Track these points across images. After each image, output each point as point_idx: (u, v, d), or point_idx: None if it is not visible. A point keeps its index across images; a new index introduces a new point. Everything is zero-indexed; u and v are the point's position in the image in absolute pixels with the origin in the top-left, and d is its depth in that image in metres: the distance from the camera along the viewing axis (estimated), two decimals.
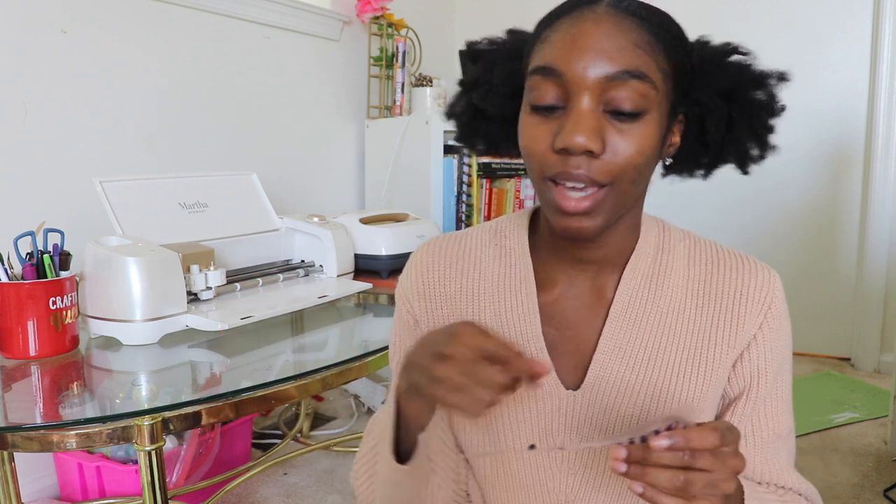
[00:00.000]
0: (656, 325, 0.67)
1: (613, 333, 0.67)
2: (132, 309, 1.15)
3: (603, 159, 0.58)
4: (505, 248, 0.73)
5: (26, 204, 1.60)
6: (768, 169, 0.71)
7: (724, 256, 0.70)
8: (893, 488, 1.69)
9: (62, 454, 1.57)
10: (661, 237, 0.71)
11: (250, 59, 2.18)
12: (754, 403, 0.69)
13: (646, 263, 0.68)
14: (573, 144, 0.56)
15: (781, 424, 0.70)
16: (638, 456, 0.50)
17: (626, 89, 0.57)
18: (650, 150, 0.59)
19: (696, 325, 0.67)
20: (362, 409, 2.23)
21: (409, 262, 0.77)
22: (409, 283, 0.76)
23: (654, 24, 0.60)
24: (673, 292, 0.68)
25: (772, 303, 0.67)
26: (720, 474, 0.49)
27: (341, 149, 2.58)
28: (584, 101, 0.57)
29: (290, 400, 1.06)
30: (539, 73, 0.60)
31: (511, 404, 0.69)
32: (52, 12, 1.63)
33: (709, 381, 0.67)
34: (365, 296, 1.58)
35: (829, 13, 2.58)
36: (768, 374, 0.68)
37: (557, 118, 0.59)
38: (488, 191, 2.49)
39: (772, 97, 0.66)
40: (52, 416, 0.93)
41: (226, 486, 1.64)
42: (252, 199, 1.60)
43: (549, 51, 0.60)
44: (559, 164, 0.59)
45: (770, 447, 0.69)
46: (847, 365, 2.66)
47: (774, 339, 0.68)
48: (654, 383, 0.66)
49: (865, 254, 2.59)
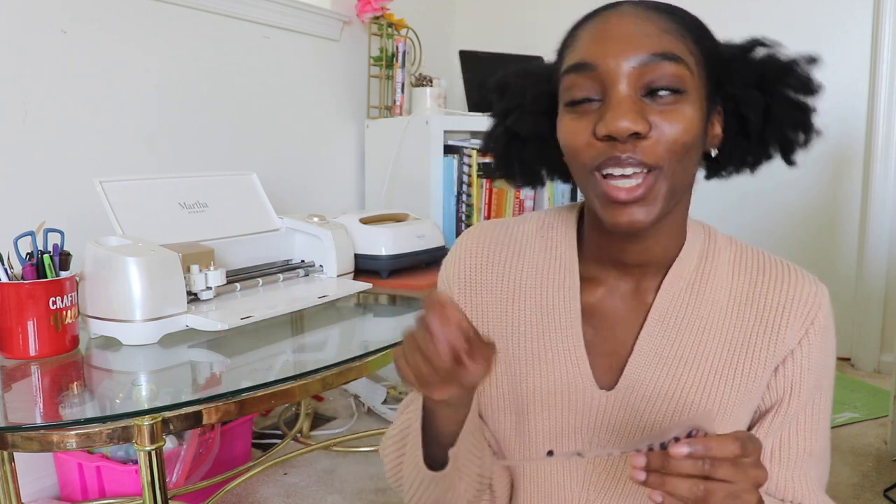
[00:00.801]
0: (695, 331, 0.66)
1: (651, 337, 0.66)
2: (132, 309, 1.15)
3: (651, 139, 0.57)
4: (551, 240, 0.72)
5: (26, 204, 1.60)
6: (768, 169, 0.71)
7: (770, 265, 0.68)
8: (893, 488, 1.69)
9: (62, 454, 1.57)
10: (707, 243, 0.69)
11: (250, 59, 2.18)
12: (784, 418, 0.67)
13: (689, 269, 0.67)
14: (618, 129, 0.56)
15: (813, 443, 0.68)
16: (657, 464, 0.49)
17: (660, 71, 0.57)
18: (694, 129, 0.58)
19: (736, 333, 0.66)
20: (362, 409, 2.23)
21: (453, 245, 0.77)
22: (452, 268, 0.75)
23: (679, 16, 0.60)
24: (715, 299, 0.67)
25: (816, 317, 0.66)
26: (741, 485, 0.48)
27: (341, 149, 2.58)
28: (621, 88, 0.57)
29: (291, 400, 1.06)
30: (573, 70, 0.60)
31: (543, 403, 0.69)
32: (52, 12, 1.63)
33: (743, 391, 0.66)
34: (365, 296, 1.58)
35: (829, 13, 2.58)
36: (803, 389, 0.66)
37: (596, 111, 0.59)
38: (488, 191, 2.49)
39: (807, 80, 0.65)
40: (52, 416, 0.93)
41: (226, 486, 1.64)
42: (252, 199, 1.60)
43: (579, 48, 0.60)
44: (605, 151, 0.57)
45: (799, 465, 0.67)
46: (847, 365, 2.66)
47: (814, 354, 0.66)
48: (689, 389, 0.65)
49: (865, 254, 2.59)
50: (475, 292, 0.73)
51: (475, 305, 0.73)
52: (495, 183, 2.51)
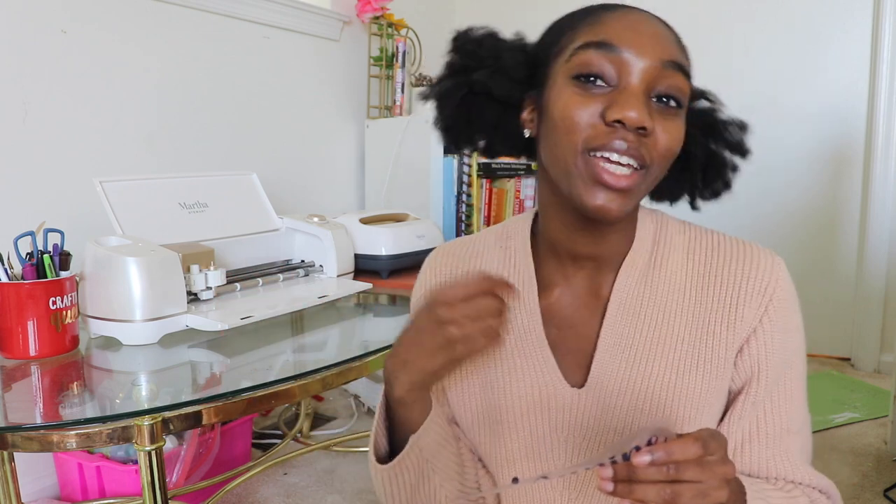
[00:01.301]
0: (655, 320, 0.67)
1: (611, 331, 0.67)
2: (132, 309, 1.15)
3: (651, 139, 0.58)
4: (509, 249, 0.73)
5: (26, 204, 1.60)
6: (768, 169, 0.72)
7: (723, 245, 0.68)
8: (893, 488, 1.69)
9: (62, 454, 1.57)
10: (658, 230, 0.70)
11: (250, 59, 2.18)
12: (756, 398, 0.66)
13: (642, 259, 0.68)
14: (631, 118, 0.56)
15: (791, 419, 0.67)
16: (624, 474, 0.50)
17: (674, 80, 0.59)
18: (678, 146, 0.61)
19: (696, 318, 0.66)
20: (362, 409, 2.23)
21: (421, 271, 0.79)
22: (423, 291, 0.77)
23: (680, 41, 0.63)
24: (671, 286, 0.67)
25: (774, 291, 0.65)
26: (709, 483, 0.49)
27: (341, 149, 2.58)
28: (638, 81, 0.58)
29: (291, 400, 1.06)
30: (593, 46, 0.59)
31: (518, 408, 0.69)
32: (52, 12, 1.63)
33: (711, 376, 0.65)
34: (365, 296, 1.58)
35: (829, 13, 2.58)
36: (770, 367, 0.65)
37: (604, 94, 0.58)
38: (488, 191, 2.49)
39: (739, 143, 0.69)
40: (52, 416, 0.93)
41: (226, 486, 1.64)
42: (252, 199, 1.60)
43: (605, 28, 0.59)
44: (609, 135, 0.58)
45: (779, 443, 0.67)
46: (847, 365, 2.66)
47: (778, 329, 0.65)
48: (656, 379, 0.66)
49: (865, 254, 2.59)
50: None
51: None
52: (495, 183, 2.51)
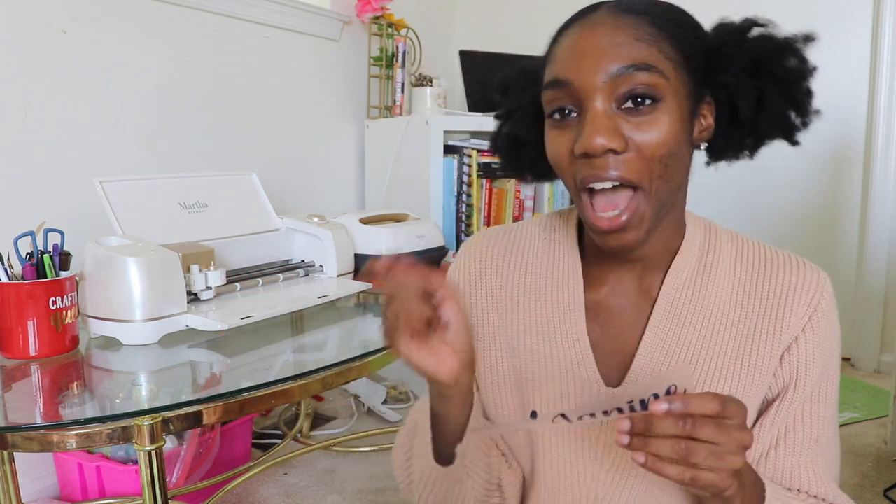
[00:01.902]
0: (700, 324, 0.67)
1: (657, 332, 0.67)
2: (132, 309, 1.15)
3: (627, 157, 0.58)
4: (554, 242, 0.73)
5: (26, 204, 1.60)
6: (768, 169, 0.72)
7: (771, 257, 0.69)
8: (893, 488, 1.69)
9: (62, 454, 1.57)
10: (708, 237, 0.70)
11: (250, 59, 2.18)
12: (790, 406, 0.66)
13: (691, 263, 0.68)
14: (592, 146, 0.57)
15: (820, 431, 0.67)
16: (641, 428, 0.50)
17: (633, 82, 0.57)
18: (672, 139, 0.59)
19: (741, 325, 0.66)
20: (362, 409, 2.23)
21: (458, 253, 0.78)
22: (458, 274, 0.76)
23: (655, 16, 0.60)
24: (718, 292, 0.67)
25: (819, 304, 0.66)
26: (725, 446, 0.49)
27: (341, 149, 2.58)
28: (595, 104, 0.58)
29: (291, 400, 1.06)
30: (550, 86, 0.61)
31: (551, 404, 0.69)
32: (52, 12, 1.63)
33: (750, 382, 0.66)
34: (365, 296, 1.58)
35: (829, 13, 2.58)
36: (808, 376, 0.66)
37: (575, 125, 0.60)
38: (488, 191, 2.49)
39: (802, 61, 0.65)
40: (52, 416, 0.93)
41: (226, 486, 1.64)
42: (252, 199, 1.60)
43: (556, 64, 0.61)
44: (584, 168, 0.59)
45: (805, 453, 0.67)
46: (847, 365, 2.66)
47: (819, 341, 0.66)
48: (695, 383, 0.66)
49: (865, 254, 2.59)
50: (480, 297, 0.74)
51: (480, 310, 0.74)
52: (495, 183, 2.51)
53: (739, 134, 0.67)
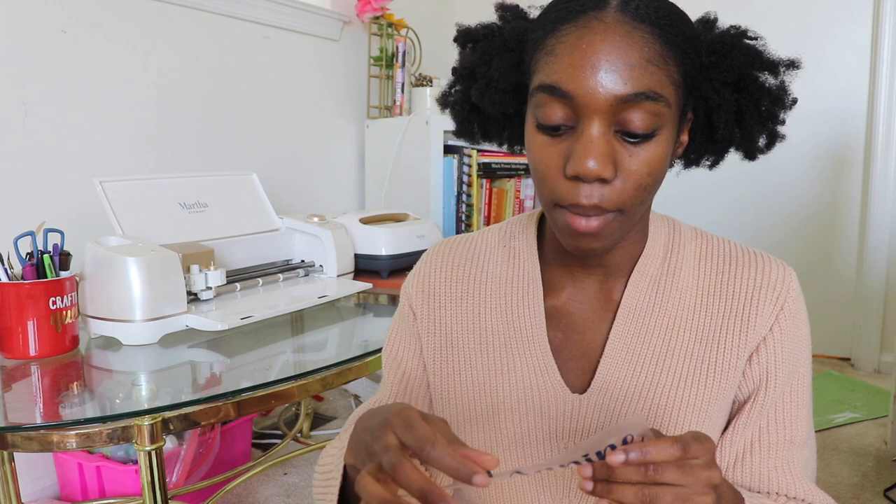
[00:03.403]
0: (665, 328, 0.66)
1: (620, 337, 0.66)
2: (132, 309, 1.15)
3: (614, 185, 0.56)
4: (513, 249, 0.72)
5: (26, 204, 1.60)
6: (768, 169, 0.71)
7: (736, 254, 0.67)
8: (893, 488, 1.69)
9: (62, 454, 1.57)
10: (671, 237, 0.69)
11: (250, 59, 2.18)
12: (762, 407, 0.65)
13: (654, 266, 0.67)
14: (585, 172, 0.54)
15: (795, 431, 0.66)
16: (603, 473, 0.48)
17: (639, 111, 0.54)
18: (660, 167, 0.57)
19: (706, 327, 0.65)
20: None
21: (419, 260, 0.77)
22: (416, 280, 0.75)
23: (666, 29, 0.56)
24: (682, 294, 0.66)
25: (785, 302, 0.65)
26: (692, 487, 0.47)
27: (341, 149, 2.58)
28: (595, 125, 0.55)
29: (291, 400, 1.06)
30: (546, 91, 0.56)
31: (514, 412, 0.68)
32: (52, 12, 1.63)
33: (718, 384, 0.65)
34: (365, 296, 1.58)
35: (829, 13, 2.58)
36: (779, 377, 0.65)
37: (567, 138, 0.57)
38: (488, 191, 2.49)
39: (781, 86, 0.63)
40: (52, 416, 0.93)
41: (226, 486, 1.64)
42: (252, 199, 1.60)
43: (556, 67, 0.56)
44: (571, 193, 0.56)
45: (781, 454, 0.66)
46: (847, 365, 2.67)
47: (787, 340, 0.65)
48: (662, 387, 0.65)
49: (865, 254, 2.59)
50: (440, 305, 0.73)
51: (439, 319, 0.73)
52: (495, 183, 2.51)
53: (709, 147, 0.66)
